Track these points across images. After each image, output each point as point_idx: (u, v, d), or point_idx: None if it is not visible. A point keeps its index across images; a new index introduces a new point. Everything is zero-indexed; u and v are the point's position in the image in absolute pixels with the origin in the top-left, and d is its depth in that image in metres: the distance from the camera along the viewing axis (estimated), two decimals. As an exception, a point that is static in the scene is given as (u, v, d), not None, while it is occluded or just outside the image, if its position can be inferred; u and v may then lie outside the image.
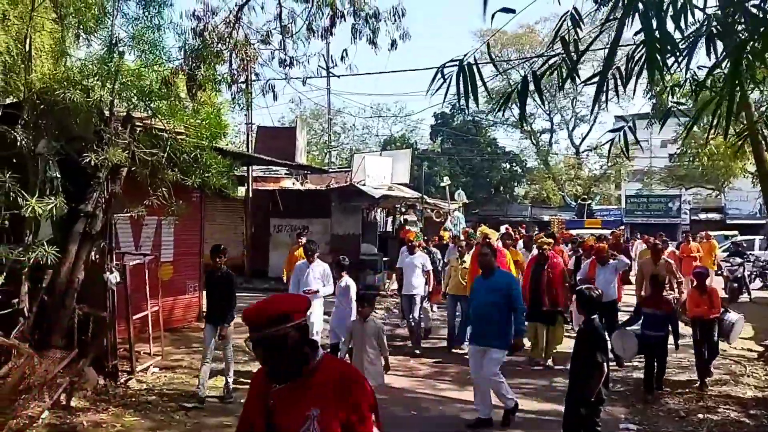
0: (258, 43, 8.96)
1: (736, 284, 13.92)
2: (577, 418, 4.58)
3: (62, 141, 6.34)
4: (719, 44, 2.45)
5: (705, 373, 7.15)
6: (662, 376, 6.96)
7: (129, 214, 6.73)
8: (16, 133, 5.83)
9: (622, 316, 8.46)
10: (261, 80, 9.60)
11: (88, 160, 6.05)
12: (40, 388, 5.53)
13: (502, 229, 14.58)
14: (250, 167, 15.89)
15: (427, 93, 2.61)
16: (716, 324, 7.17)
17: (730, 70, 2.35)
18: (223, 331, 6.43)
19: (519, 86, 2.62)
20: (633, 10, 2.19)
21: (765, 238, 20.76)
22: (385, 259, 15.68)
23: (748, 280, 14.86)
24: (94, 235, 6.45)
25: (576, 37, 2.59)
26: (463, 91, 2.54)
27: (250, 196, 16.16)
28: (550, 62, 2.77)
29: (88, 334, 6.50)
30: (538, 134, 44.61)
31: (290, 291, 7.38)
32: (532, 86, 2.56)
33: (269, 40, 9.06)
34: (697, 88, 3.13)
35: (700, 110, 3.27)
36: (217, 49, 8.02)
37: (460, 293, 8.43)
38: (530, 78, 2.58)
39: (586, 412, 4.53)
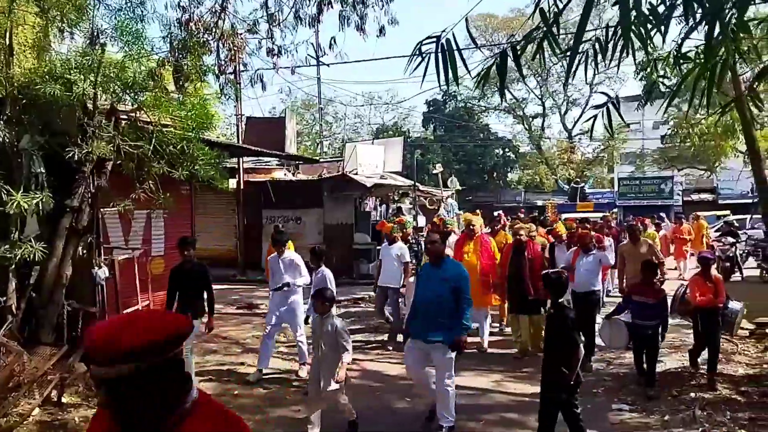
0: (245, 32, 8.88)
1: (728, 263, 13.97)
2: (555, 402, 4.49)
3: (46, 136, 6.27)
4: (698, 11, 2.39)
5: (713, 368, 6.43)
6: (654, 370, 6.45)
7: (117, 208, 6.65)
8: (-2, 129, 5.75)
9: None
10: (249, 70, 9.53)
11: (72, 155, 5.98)
12: (30, 385, 5.50)
13: (496, 214, 14.56)
14: (241, 159, 15.80)
15: (405, 72, 2.56)
16: (719, 315, 6.59)
17: (706, 38, 2.31)
18: (211, 323, 6.34)
19: (498, 60, 2.58)
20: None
21: (757, 218, 20.86)
22: (378, 248, 15.65)
23: (740, 259, 14.94)
24: (81, 230, 6.40)
25: (556, 10, 2.54)
26: (443, 70, 2.50)
27: (242, 187, 16.08)
28: (532, 36, 2.72)
29: (78, 330, 6.46)
30: (531, 119, 44.63)
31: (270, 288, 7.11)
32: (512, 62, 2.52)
33: (256, 29, 8.96)
34: (681, 60, 3.08)
35: (680, 83, 3.23)
36: (204, 39, 7.93)
37: None
38: (509, 52, 2.54)
39: (566, 396, 4.46)
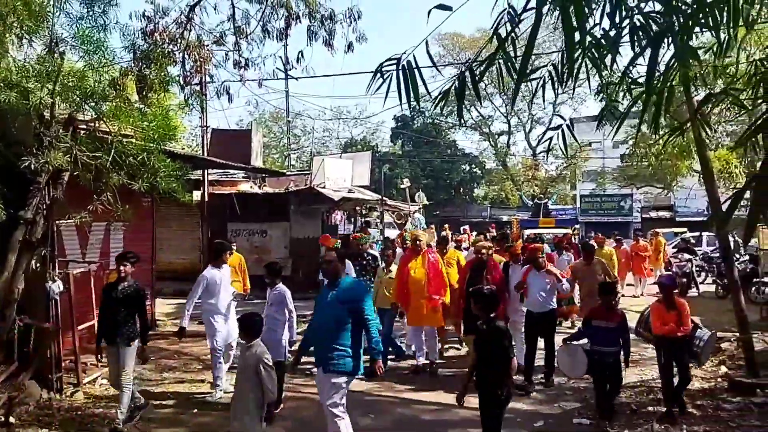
0: (211, 44, 8.80)
1: (684, 279, 14.43)
2: (492, 418, 4.47)
3: (0, 145, 6.06)
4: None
5: (675, 400, 6.07)
6: (615, 396, 6.35)
7: (73, 221, 6.46)
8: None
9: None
10: (216, 82, 9.43)
11: (27, 165, 5.79)
12: (-24, 404, 5.26)
13: (461, 230, 14.73)
14: (206, 171, 15.56)
15: (366, 92, 2.59)
16: (685, 344, 6.10)
17: (649, 64, 2.42)
18: (145, 354, 6.03)
19: (456, 82, 2.64)
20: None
21: (712, 235, 21.61)
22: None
23: (696, 275, 15.49)
24: (35, 243, 6.17)
25: (513, 35, 2.62)
26: (404, 90, 2.54)
27: (206, 200, 15.83)
28: (490, 60, 2.80)
29: (30, 346, 6.22)
30: (497, 136, 45.44)
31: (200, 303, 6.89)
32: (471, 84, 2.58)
33: (223, 41, 8.91)
34: (631, 85, 3.23)
35: (629, 107, 3.38)
36: (168, 50, 7.83)
37: (385, 306, 8.04)
38: (467, 75, 2.60)
39: (498, 411, 4.45)
